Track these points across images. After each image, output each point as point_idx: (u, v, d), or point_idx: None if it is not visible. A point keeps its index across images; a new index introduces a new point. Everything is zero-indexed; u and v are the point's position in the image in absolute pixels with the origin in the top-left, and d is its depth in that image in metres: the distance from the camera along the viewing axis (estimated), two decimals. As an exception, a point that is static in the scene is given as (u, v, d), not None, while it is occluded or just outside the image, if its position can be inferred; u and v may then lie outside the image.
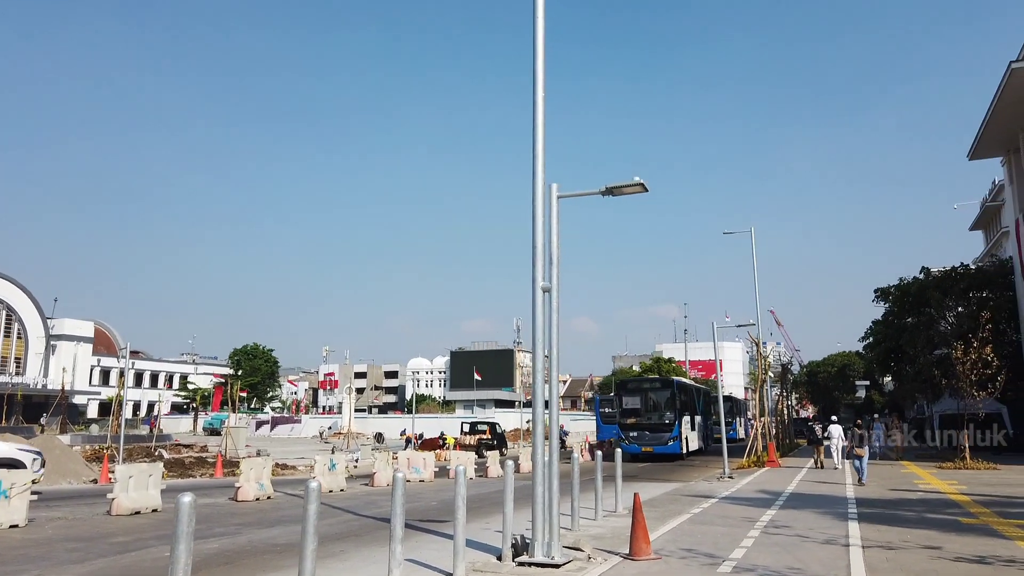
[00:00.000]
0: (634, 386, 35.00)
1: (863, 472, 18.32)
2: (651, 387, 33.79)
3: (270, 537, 10.57)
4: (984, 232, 58.90)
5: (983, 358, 22.49)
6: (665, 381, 35.02)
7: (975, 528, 10.45)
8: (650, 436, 30.72)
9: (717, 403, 45.22)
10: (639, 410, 32.04)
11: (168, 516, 12.63)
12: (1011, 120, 28.97)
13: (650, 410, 31.92)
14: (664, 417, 31.04)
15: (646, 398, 32.55)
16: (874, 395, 79.38)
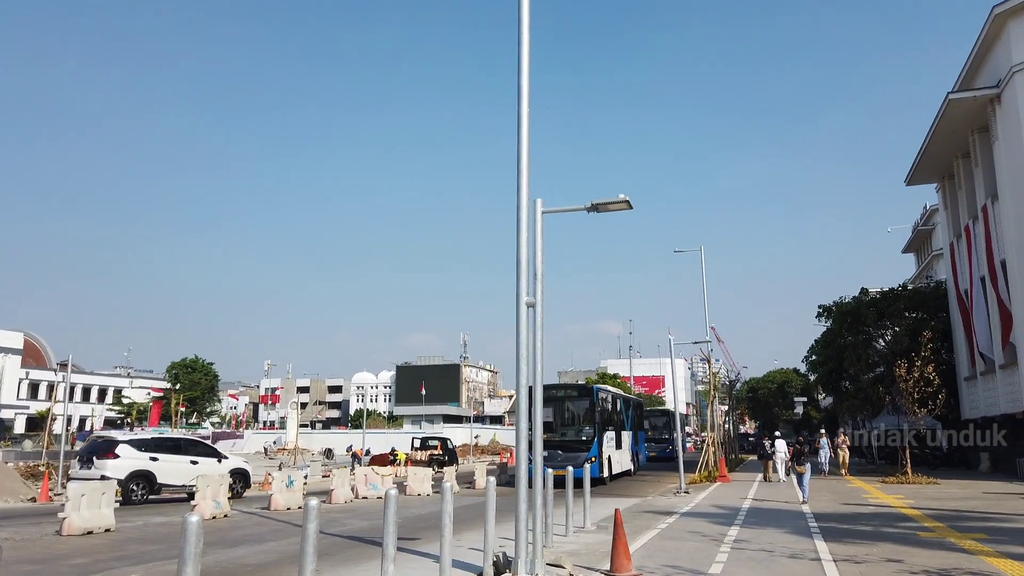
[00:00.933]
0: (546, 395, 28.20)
1: (804, 490, 17.65)
2: (566, 395, 26.98)
3: (237, 557, 10.25)
4: (916, 255, 61.43)
5: (925, 376, 23.37)
6: (584, 389, 27.88)
7: (935, 542, 10.80)
8: (563, 456, 22.93)
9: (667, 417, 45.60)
10: (551, 424, 25.00)
11: (124, 536, 12.16)
12: (947, 148, 30.36)
13: (565, 424, 25.94)
14: (581, 433, 25.21)
15: (560, 409, 26.04)
16: (811, 411, 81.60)
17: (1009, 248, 24.41)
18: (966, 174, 30.02)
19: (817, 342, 39.72)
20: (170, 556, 10.22)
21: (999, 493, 19.08)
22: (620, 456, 27.95)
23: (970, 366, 30.30)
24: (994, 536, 11.27)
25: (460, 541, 11.18)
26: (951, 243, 32.91)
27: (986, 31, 24.80)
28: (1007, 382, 25.50)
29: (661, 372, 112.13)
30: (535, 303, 8.92)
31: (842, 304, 36.26)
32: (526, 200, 8.87)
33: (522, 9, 8.75)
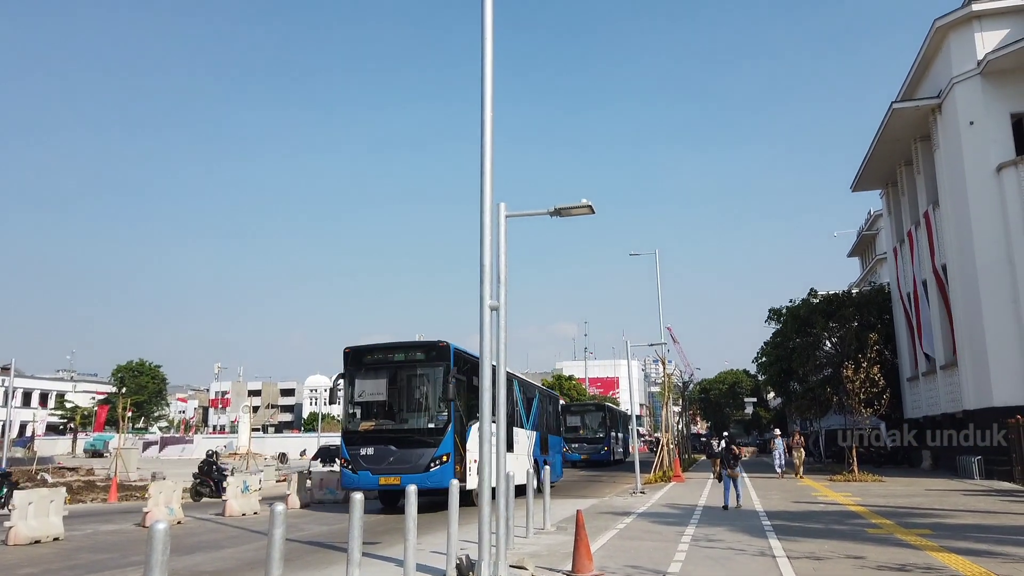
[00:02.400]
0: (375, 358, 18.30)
1: (739, 494, 16.25)
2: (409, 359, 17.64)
3: (194, 564, 10.07)
4: (861, 259, 63.25)
5: (871, 377, 24.10)
6: (435, 350, 17.12)
7: (883, 538, 11.15)
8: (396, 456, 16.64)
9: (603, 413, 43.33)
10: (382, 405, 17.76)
11: (74, 545, 11.83)
12: (891, 156, 31.36)
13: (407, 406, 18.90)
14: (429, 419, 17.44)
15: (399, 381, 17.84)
16: (761, 411, 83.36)
17: (949, 253, 25.33)
18: (909, 181, 31.05)
19: (767, 344, 40.63)
20: (122, 565, 10.00)
21: (941, 490, 19.77)
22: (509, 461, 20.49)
23: (913, 367, 31.35)
24: (939, 532, 11.69)
25: (422, 544, 11.16)
26: (895, 248, 33.99)
27: (928, 43, 25.71)
28: (948, 383, 26.45)
29: (616, 374, 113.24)
30: (499, 306, 8.97)
31: (792, 308, 37.15)
32: (489, 204, 8.91)
33: (485, 20, 8.80)
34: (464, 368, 16.98)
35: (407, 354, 17.26)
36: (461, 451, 16.28)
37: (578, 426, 42.03)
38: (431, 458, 15.63)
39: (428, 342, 16.89)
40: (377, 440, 16.21)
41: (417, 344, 17.31)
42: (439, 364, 16.67)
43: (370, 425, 16.80)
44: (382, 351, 17.39)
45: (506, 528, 9.04)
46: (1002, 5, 24.00)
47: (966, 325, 24.17)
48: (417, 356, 17.21)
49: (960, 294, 24.60)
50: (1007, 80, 23.43)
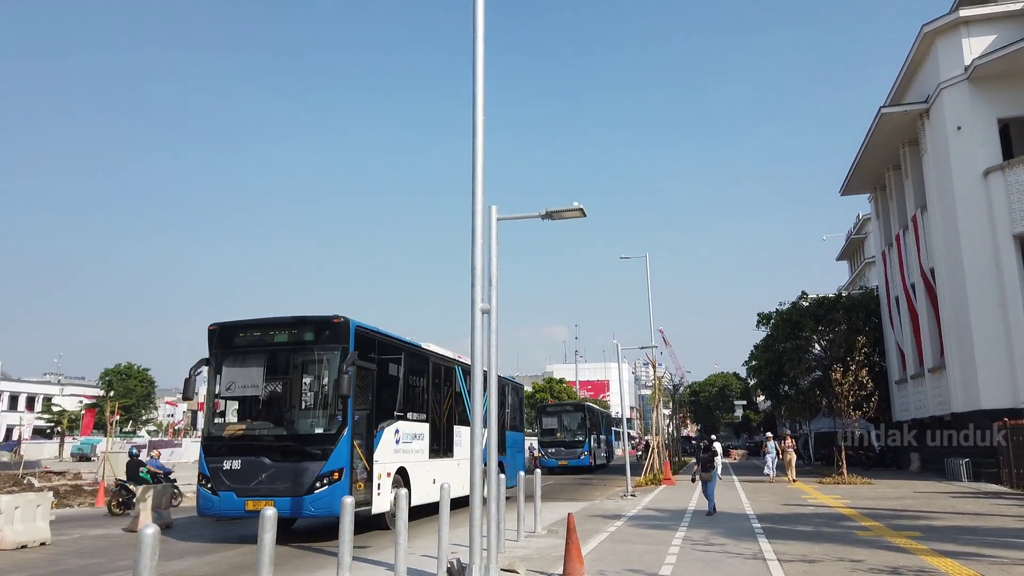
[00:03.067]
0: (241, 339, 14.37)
1: (711, 499, 15.66)
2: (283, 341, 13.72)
3: (182, 569, 9.99)
4: (849, 262, 63.65)
5: (859, 380, 24.22)
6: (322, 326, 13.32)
7: (873, 541, 11.20)
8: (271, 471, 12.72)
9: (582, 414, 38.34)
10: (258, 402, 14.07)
11: (61, 550, 11.73)
12: (879, 161, 31.56)
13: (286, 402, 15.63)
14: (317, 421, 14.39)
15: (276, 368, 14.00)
16: (751, 414, 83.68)
17: (937, 257, 25.51)
18: (897, 185, 31.26)
19: (757, 347, 40.78)
20: (110, 570, 9.92)
21: (929, 492, 19.88)
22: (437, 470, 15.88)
23: (901, 370, 31.52)
24: (928, 534, 11.76)
25: (412, 548, 11.11)
26: (883, 251, 34.19)
27: (916, 48, 25.90)
28: (935, 385, 26.61)
29: (606, 376, 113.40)
30: (490, 309, 8.97)
31: (783, 311, 37.31)
32: (481, 207, 8.91)
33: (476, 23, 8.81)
34: (371, 353, 13.39)
35: (291, 334, 13.07)
36: (365, 463, 12.67)
37: (555, 428, 38.41)
38: (316, 476, 11.76)
39: (318, 318, 12.86)
40: (246, 450, 12.31)
41: (304, 321, 13.01)
42: (333, 348, 12.66)
43: (238, 429, 12.86)
44: (259, 329, 13.21)
45: (497, 532, 9.04)
46: (989, 11, 24.23)
47: (954, 328, 24.33)
48: (304, 337, 13.03)
49: (948, 297, 24.76)
50: (994, 85, 23.63)
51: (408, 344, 15.55)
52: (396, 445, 14.02)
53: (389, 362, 14.30)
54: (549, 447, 37.05)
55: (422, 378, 15.98)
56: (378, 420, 13.33)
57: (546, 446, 36.97)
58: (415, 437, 15.05)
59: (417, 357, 16.00)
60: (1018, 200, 22.28)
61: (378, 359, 13.63)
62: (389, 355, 14.29)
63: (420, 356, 16.22)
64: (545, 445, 36.94)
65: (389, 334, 14.59)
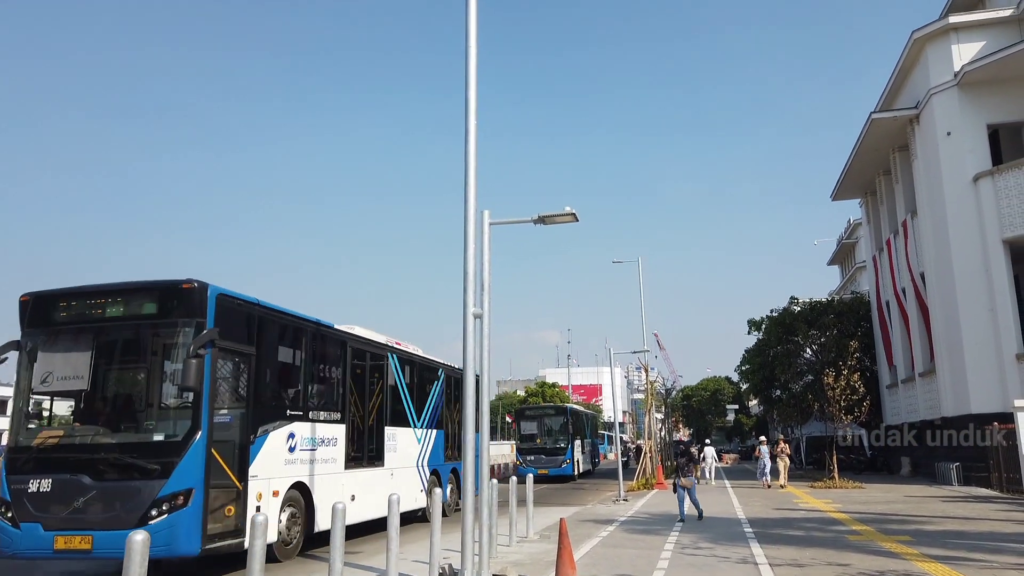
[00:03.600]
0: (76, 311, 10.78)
1: (695, 503, 15.39)
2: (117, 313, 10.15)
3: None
4: (840, 267, 63.96)
5: (851, 385, 24.31)
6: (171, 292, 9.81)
7: (863, 545, 11.24)
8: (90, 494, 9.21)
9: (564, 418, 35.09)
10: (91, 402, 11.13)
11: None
12: (870, 166, 31.71)
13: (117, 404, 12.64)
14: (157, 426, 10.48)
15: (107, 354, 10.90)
16: (743, 418, 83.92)
17: (927, 261, 25.64)
18: (887, 190, 31.42)
19: (748, 351, 40.90)
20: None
21: (920, 496, 19.96)
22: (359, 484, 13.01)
23: (892, 374, 31.66)
24: (918, 538, 11.80)
25: (404, 553, 11.09)
26: (874, 256, 34.36)
27: (906, 54, 26.06)
28: (926, 390, 26.74)
29: (599, 381, 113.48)
30: (482, 314, 8.97)
31: (774, 316, 37.44)
32: (473, 212, 8.91)
33: (469, 26, 8.82)
34: (247, 331, 10.26)
35: (128, 306, 9.66)
36: (234, 480, 9.58)
37: (535, 433, 35.12)
38: (151, 500, 8.61)
39: (163, 283, 9.63)
40: (61, 465, 9.02)
41: (145, 288, 9.71)
42: (184, 324, 9.39)
43: (52, 437, 9.55)
44: (86, 301, 9.72)
45: (489, 537, 9.03)
46: (978, 18, 24.42)
47: (944, 333, 24.46)
48: (146, 309, 9.67)
49: (938, 302, 24.90)
50: (983, 91, 23.80)
51: (311, 323, 11.98)
52: (290, 454, 10.77)
53: (280, 345, 11.10)
54: (528, 454, 33.82)
55: (336, 368, 12.68)
56: (259, 422, 10.21)
57: (525, 453, 33.81)
58: (323, 443, 11.75)
59: (327, 340, 12.59)
60: (1007, 205, 22.43)
61: (261, 341, 10.49)
62: (280, 336, 11.13)
63: (332, 339, 12.75)
64: (524, 452, 33.88)
65: (278, 308, 10.94)
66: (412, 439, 15.71)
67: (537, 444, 34.56)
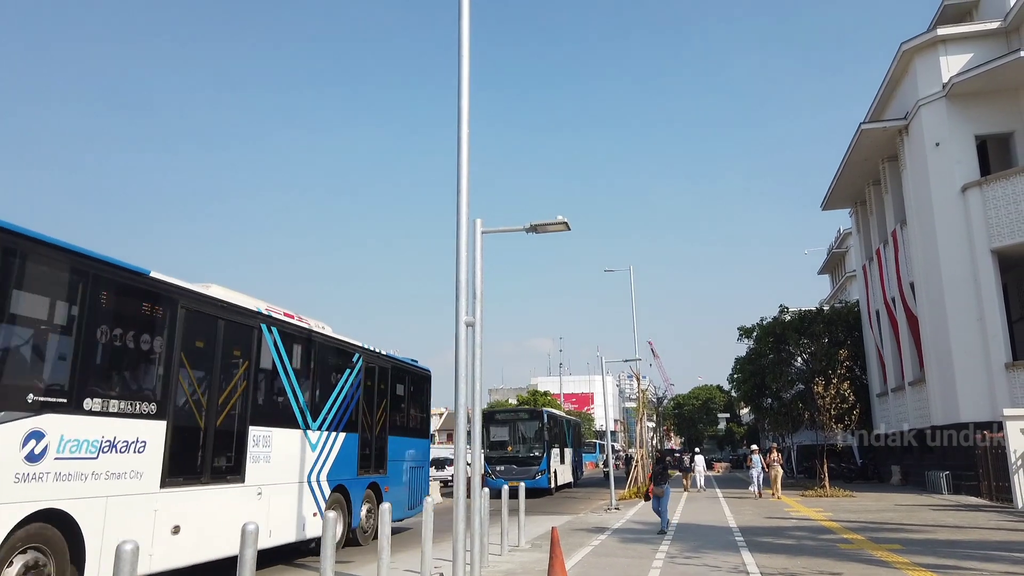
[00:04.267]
0: None
1: (663, 517, 14.88)
2: None
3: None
4: (831, 276, 64.26)
5: (841, 393, 24.41)
6: None
7: (854, 554, 11.25)
8: None
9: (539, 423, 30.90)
10: None
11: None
12: (860, 176, 31.97)
13: None
14: None
15: None
16: (734, 427, 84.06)
17: (917, 271, 25.82)
18: (877, 200, 31.66)
19: (739, 360, 41.02)
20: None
21: (910, 505, 20.01)
22: (190, 510, 8.74)
23: (882, 383, 31.82)
24: (909, 547, 11.83)
25: (395, 563, 11.05)
26: (864, 265, 34.57)
27: (895, 66, 26.32)
28: (916, 398, 26.88)
29: (591, 389, 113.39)
30: (474, 322, 8.98)
31: (765, 325, 37.59)
32: (466, 220, 8.94)
33: (462, 36, 8.87)
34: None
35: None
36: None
37: (505, 440, 31.09)
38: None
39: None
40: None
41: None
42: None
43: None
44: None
45: (480, 546, 9.00)
46: (966, 30, 24.71)
47: (933, 342, 24.61)
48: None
49: (927, 311, 25.06)
50: (971, 103, 24.04)
51: (100, 262, 7.73)
52: (35, 465, 6.64)
53: (20, 289, 6.82)
54: (497, 464, 29.64)
55: (155, 336, 8.50)
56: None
57: (494, 463, 29.61)
58: (113, 448, 7.58)
59: (135, 292, 8.35)
60: (995, 215, 22.63)
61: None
62: (24, 275, 6.87)
63: (145, 292, 8.48)
64: (493, 461, 29.61)
65: (24, 231, 6.78)
66: (301, 444, 11.44)
67: (507, 452, 30.64)
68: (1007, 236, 22.33)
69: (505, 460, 29.95)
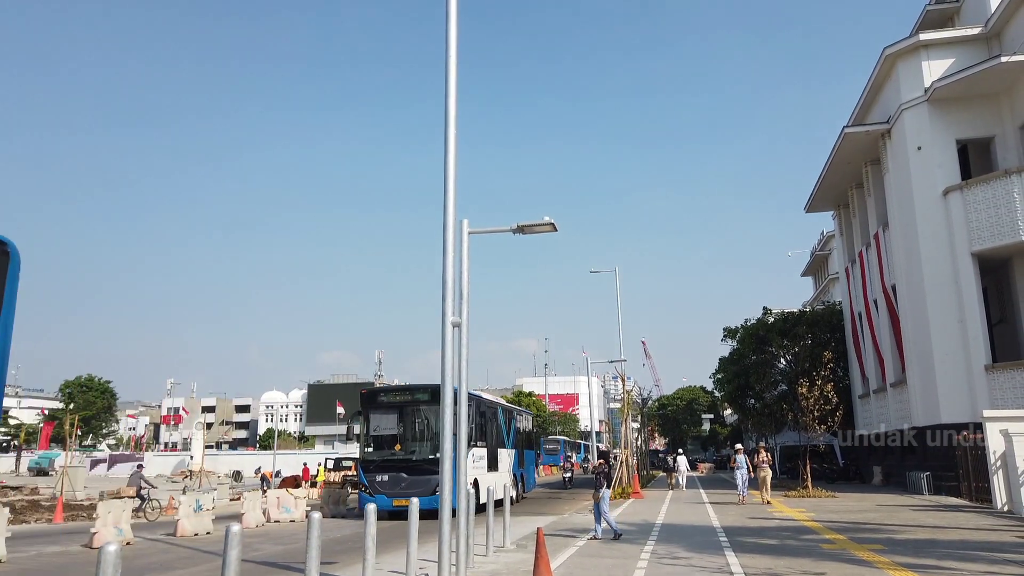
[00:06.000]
0: None
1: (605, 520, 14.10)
2: None
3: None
4: (814, 278, 64.71)
5: (824, 395, 24.58)
6: None
7: (837, 554, 11.35)
8: None
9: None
10: None
11: (17, 568, 11.43)
12: (843, 179, 32.21)
13: None
14: None
15: None
16: (718, 427, 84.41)
17: (898, 273, 26.06)
18: (860, 203, 31.92)
19: (723, 360, 41.23)
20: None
21: (891, 505, 20.20)
22: None
23: (864, 384, 32.07)
24: (890, 547, 11.94)
25: (380, 564, 11.02)
26: (846, 268, 34.84)
27: (878, 70, 26.55)
28: (897, 400, 27.12)
29: (576, 390, 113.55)
30: (460, 323, 8.98)
31: (748, 326, 37.80)
32: (452, 220, 8.94)
33: (449, 39, 8.87)
34: None
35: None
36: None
37: (393, 435, 20.14)
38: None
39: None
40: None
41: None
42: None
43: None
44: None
45: (466, 546, 9.00)
46: (948, 35, 24.96)
47: (914, 344, 24.84)
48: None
49: (909, 313, 25.29)
50: (952, 107, 24.29)
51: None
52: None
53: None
54: (378, 471, 19.38)
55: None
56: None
57: (373, 469, 19.50)
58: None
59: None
60: (976, 219, 22.88)
61: None
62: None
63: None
64: (372, 468, 19.52)
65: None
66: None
67: (395, 454, 19.72)
68: (987, 239, 22.58)
69: (390, 466, 19.33)
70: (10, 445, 67.14)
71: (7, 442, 68.72)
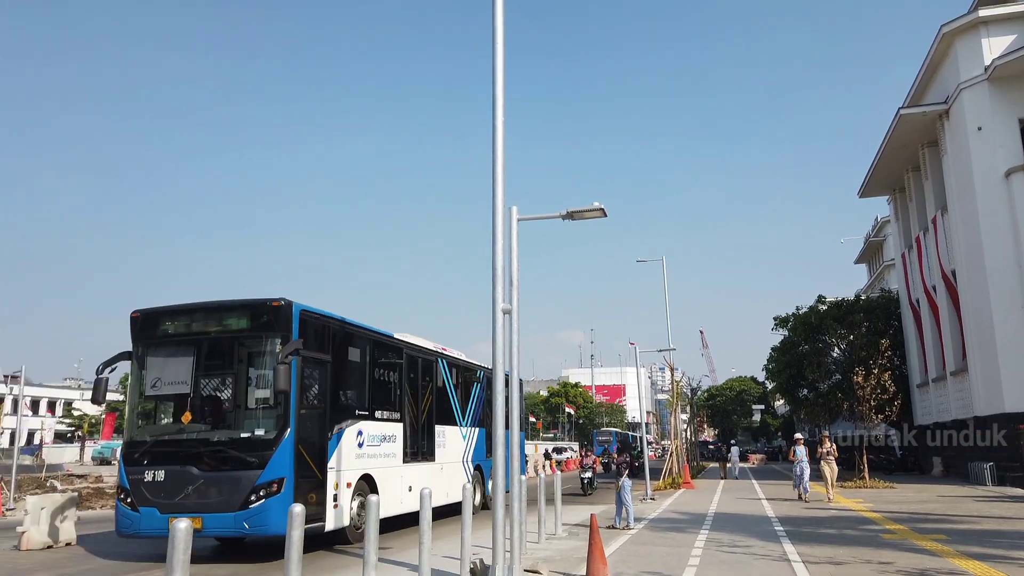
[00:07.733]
0: None
1: (628, 511, 13.77)
2: None
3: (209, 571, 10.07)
4: (868, 265, 63.13)
5: (882, 384, 23.99)
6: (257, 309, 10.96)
7: (898, 544, 11.09)
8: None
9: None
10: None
11: (83, 550, 11.84)
12: (898, 162, 31.34)
13: None
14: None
15: None
16: (768, 418, 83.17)
17: (958, 258, 25.25)
18: (916, 187, 31.00)
19: (775, 350, 40.50)
20: (135, 569, 10.00)
21: (953, 496, 19.65)
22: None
23: (923, 373, 31.21)
24: (954, 537, 11.63)
25: (435, 550, 11.12)
26: (903, 254, 33.91)
27: (935, 49, 25.71)
28: (958, 388, 26.33)
29: (622, 381, 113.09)
30: (511, 309, 8.96)
31: (800, 315, 37.06)
32: (501, 207, 8.92)
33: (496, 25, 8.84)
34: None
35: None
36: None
37: (181, 394, 11.27)
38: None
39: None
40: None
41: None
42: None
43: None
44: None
45: (520, 533, 9.02)
46: (1009, 11, 24.01)
47: (976, 331, 24.07)
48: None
49: (970, 300, 24.50)
50: (1014, 85, 23.41)
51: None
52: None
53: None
54: (152, 465, 10.52)
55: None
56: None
57: (141, 462, 10.62)
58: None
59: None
60: (1041, 200, 22.03)
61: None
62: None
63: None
64: (139, 459, 10.70)
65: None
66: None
67: (183, 431, 11.06)
68: (1054, 221, 21.74)
69: (170, 454, 10.77)
70: (74, 436, 69.56)
71: (71, 433, 71.20)
